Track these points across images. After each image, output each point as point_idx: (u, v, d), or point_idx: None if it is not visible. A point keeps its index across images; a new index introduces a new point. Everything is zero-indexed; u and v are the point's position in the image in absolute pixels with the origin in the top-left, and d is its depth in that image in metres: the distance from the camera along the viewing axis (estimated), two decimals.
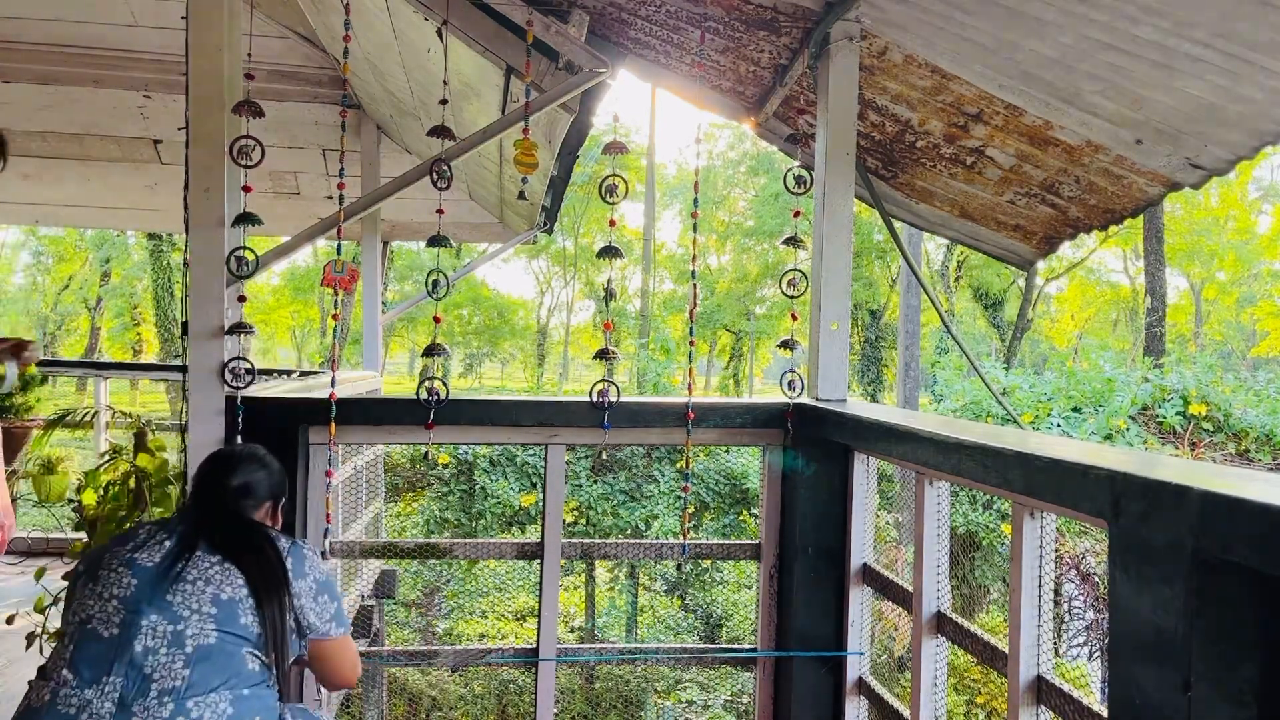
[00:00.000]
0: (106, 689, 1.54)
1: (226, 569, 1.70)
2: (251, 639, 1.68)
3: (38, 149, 5.43)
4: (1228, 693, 1.13)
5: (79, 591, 1.67)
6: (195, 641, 1.61)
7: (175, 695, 1.56)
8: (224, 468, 1.94)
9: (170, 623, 1.60)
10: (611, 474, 8.05)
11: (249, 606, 1.69)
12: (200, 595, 1.65)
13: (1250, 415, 7.57)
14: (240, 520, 1.86)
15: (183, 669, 1.58)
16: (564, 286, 31.49)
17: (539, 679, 2.54)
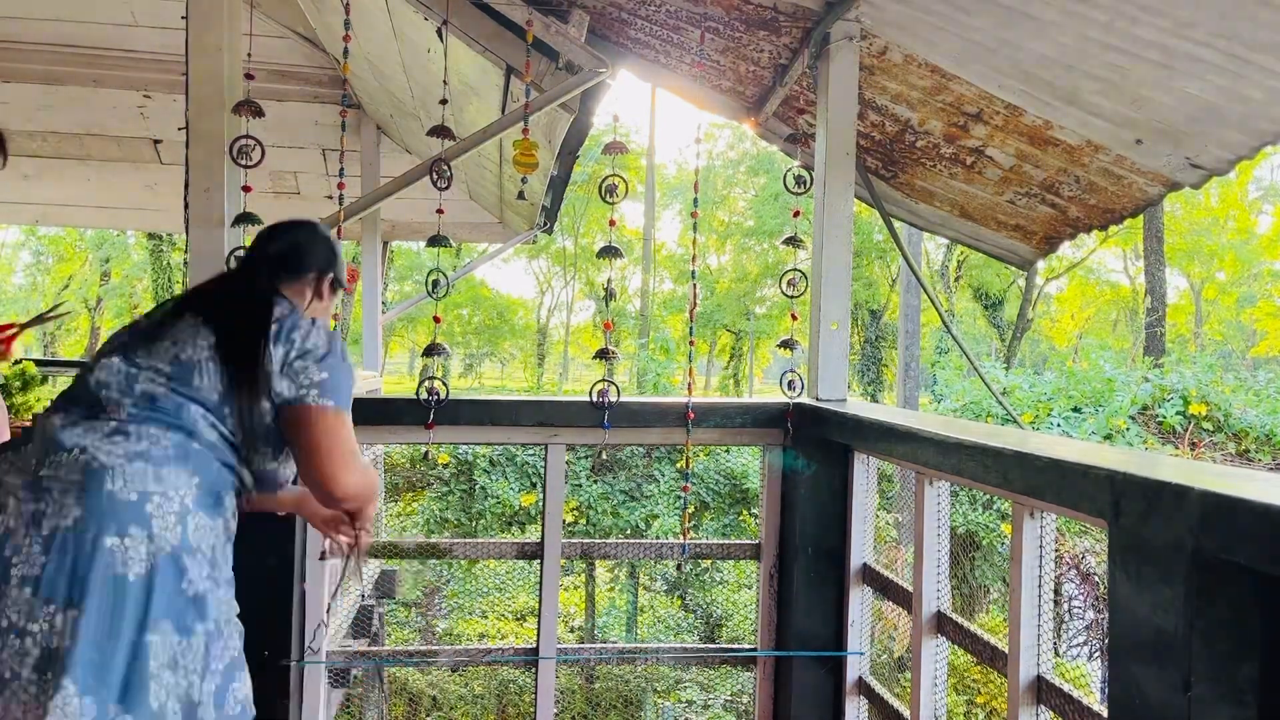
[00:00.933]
0: (70, 413, 1.51)
1: (198, 330, 1.57)
2: (206, 402, 1.53)
3: (38, 149, 5.43)
4: (1228, 693, 1.13)
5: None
6: (143, 388, 1.51)
7: (118, 418, 1.48)
8: (269, 233, 1.80)
9: (127, 366, 1.54)
10: (611, 474, 8.05)
11: (210, 370, 1.54)
12: (163, 352, 1.55)
13: (1250, 415, 7.58)
14: (243, 284, 1.70)
15: (130, 404, 1.50)
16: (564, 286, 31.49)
17: (539, 678, 2.54)
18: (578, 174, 5.42)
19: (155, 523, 1.41)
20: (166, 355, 1.55)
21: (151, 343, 1.57)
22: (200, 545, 1.47)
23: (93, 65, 4.71)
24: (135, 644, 1.36)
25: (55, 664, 1.31)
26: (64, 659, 1.30)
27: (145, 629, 1.37)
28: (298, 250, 1.78)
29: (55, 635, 1.32)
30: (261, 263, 1.75)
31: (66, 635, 1.32)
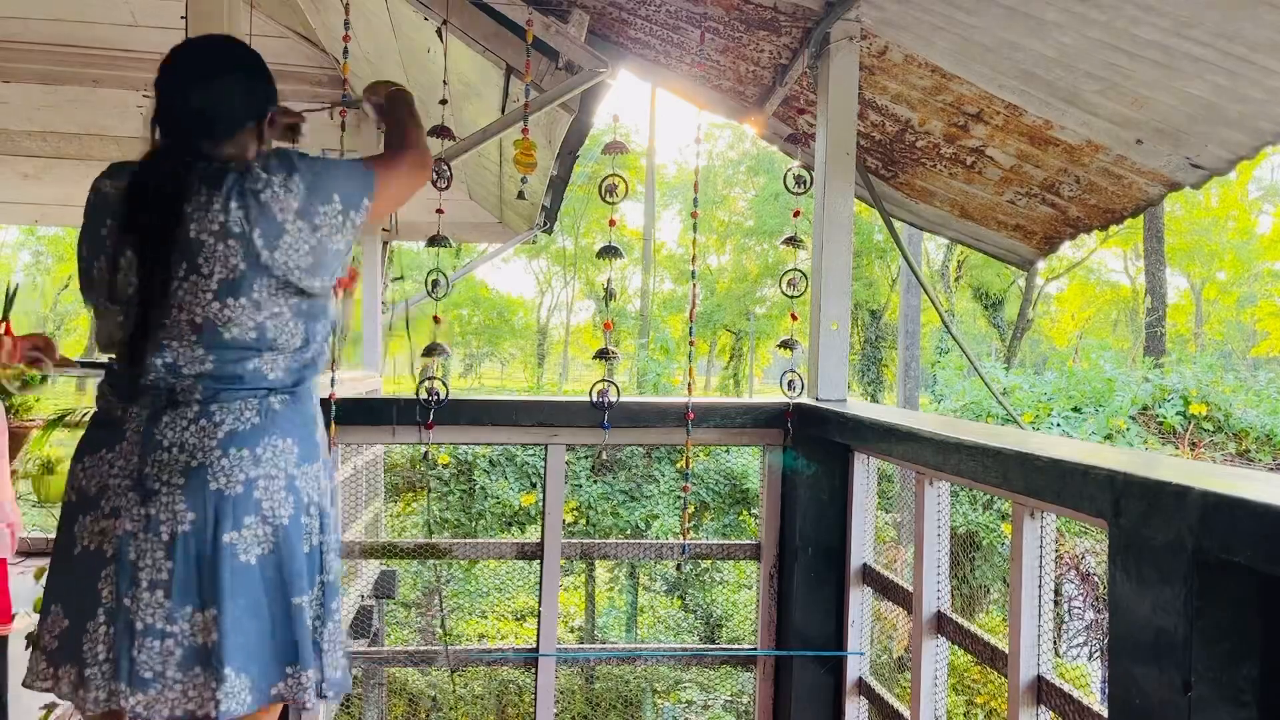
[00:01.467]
0: (153, 404, 1.48)
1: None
2: (250, 343, 1.49)
3: (38, 149, 5.42)
4: (1228, 693, 1.13)
5: None
6: (199, 367, 1.50)
7: (198, 400, 1.47)
8: (180, 81, 1.53)
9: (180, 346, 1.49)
10: (611, 474, 8.05)
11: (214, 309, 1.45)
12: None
13: (1250, 415, 7.58)
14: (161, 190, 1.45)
15: (199, 386, 1.49)
16: (564, 286, 31.49)
17: (539, 678, 2.54)
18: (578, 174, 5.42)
19: (265, 505, 1.46)
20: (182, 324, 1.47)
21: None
22: (310, 497, 1.53)
23: (92, 65, 4.71)
24: (287, 615, 1.47)
25: (208, 657, 1.40)
26: (217, 652, 1.40)
27: (287, 597, 1.47)
28: (222, 102, 1.54)
29: (200, 633, 1.41)
30: (186, 134, 1.52)
31: (212, 631, 1.40)
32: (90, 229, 1.50)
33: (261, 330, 1.47)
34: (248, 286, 1.44)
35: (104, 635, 1.40)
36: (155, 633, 1.39)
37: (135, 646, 1.39)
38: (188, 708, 1.40)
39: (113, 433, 1.47)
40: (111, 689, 1.39)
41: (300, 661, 1.48)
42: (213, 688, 1.40)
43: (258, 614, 1.44)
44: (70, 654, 1.43)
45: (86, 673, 1.40)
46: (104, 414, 1.51)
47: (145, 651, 1.39)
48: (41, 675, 1.46)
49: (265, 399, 1.50)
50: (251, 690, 1.43)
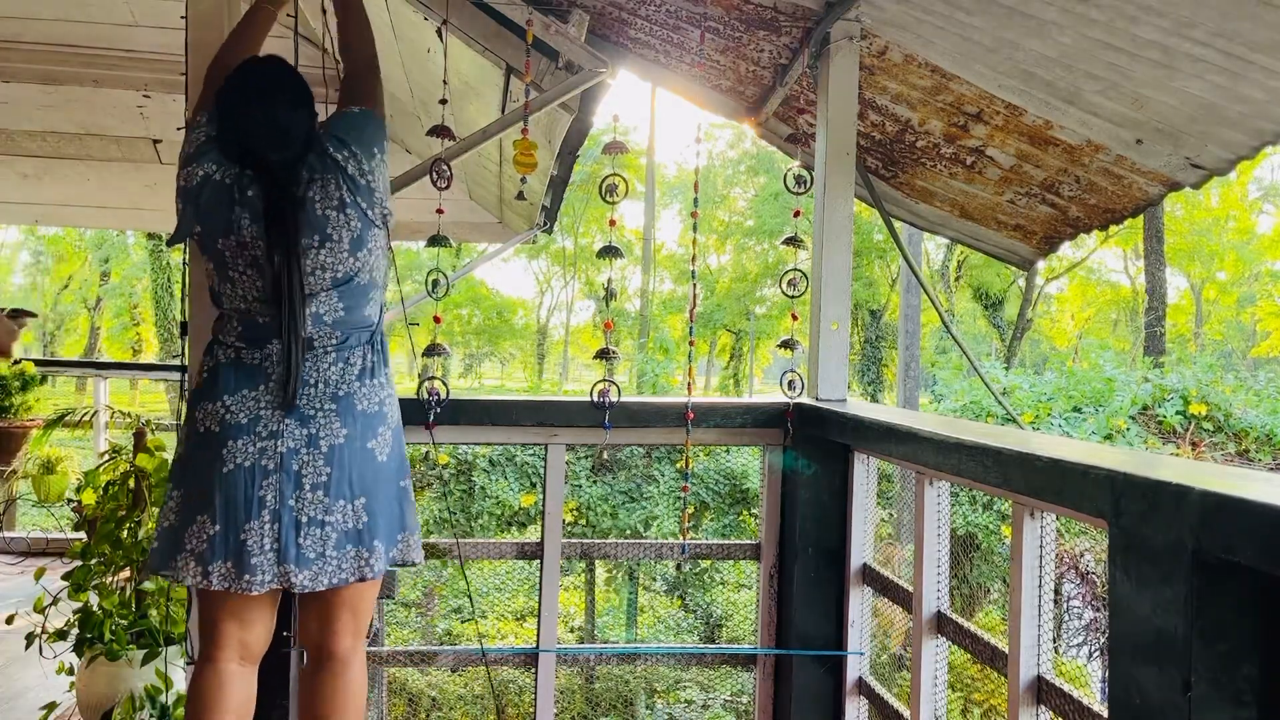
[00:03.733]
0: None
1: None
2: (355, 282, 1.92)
3: (38, 149, 5.42)
4: (1228, 693, 1.13)
5: None
6: (321, 314, 1.89)
7: (331, 346, 1.89)
8: (252, 112, 1.86)
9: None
10: (611, 474, 8.05)
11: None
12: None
13: (1250, 415, 7.57)
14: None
15: (328, 332, 1.89)
16: (564, 286, 31.50)
17: (539, 677, 2.54)
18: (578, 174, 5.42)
19: (391, 416, 1.92)
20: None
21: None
22: (396, 401, 1.98)
23: (93, 65, 4.70)
24: (399, 495, 1.92)
25: (360, 536, 1.82)
26: (369, 530, 1.83)
27: (400, 482, 1.94)
28: (299, 118, 1.92)
29: (351, 519, 1.82)
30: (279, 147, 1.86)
31: (364, 516, 1.83)
32: (212, 211, 1.82)
33: (374, 272, 1.92)
34: (369, 239, 1.90)
35: (270, 530, 1.76)
36: (316, 523, 1.78)
37: (301, 535, 1.77)
38: (341, 577, 1.80)
39: (254, 374, 1.82)
40: (279, 570, 1.76)
41: (407, 528, 1.93)
42: (365, 557, 1.82)
43: (389, 497, 1.88)
44: (224, 552, 1.75)
45: (252, 561, 1.74)
46: (235, 361, 1.84)
47: (309, 538, 1.77)
48: (192, 573, 1.76)
49: (375, 337, 1.93)
50: (385, 555, 1.86)
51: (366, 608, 1.97)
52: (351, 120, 1.96)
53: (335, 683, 1.90)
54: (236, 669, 1.84)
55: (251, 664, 1.88)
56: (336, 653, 1.91)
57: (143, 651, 2.74)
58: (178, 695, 2.68)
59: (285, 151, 1.84)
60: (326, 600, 1.89)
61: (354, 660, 1.93)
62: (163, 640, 2.76)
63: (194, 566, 1.76)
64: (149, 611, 2.84)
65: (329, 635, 1.91)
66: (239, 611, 1.83)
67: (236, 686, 1.83)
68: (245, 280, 1.83)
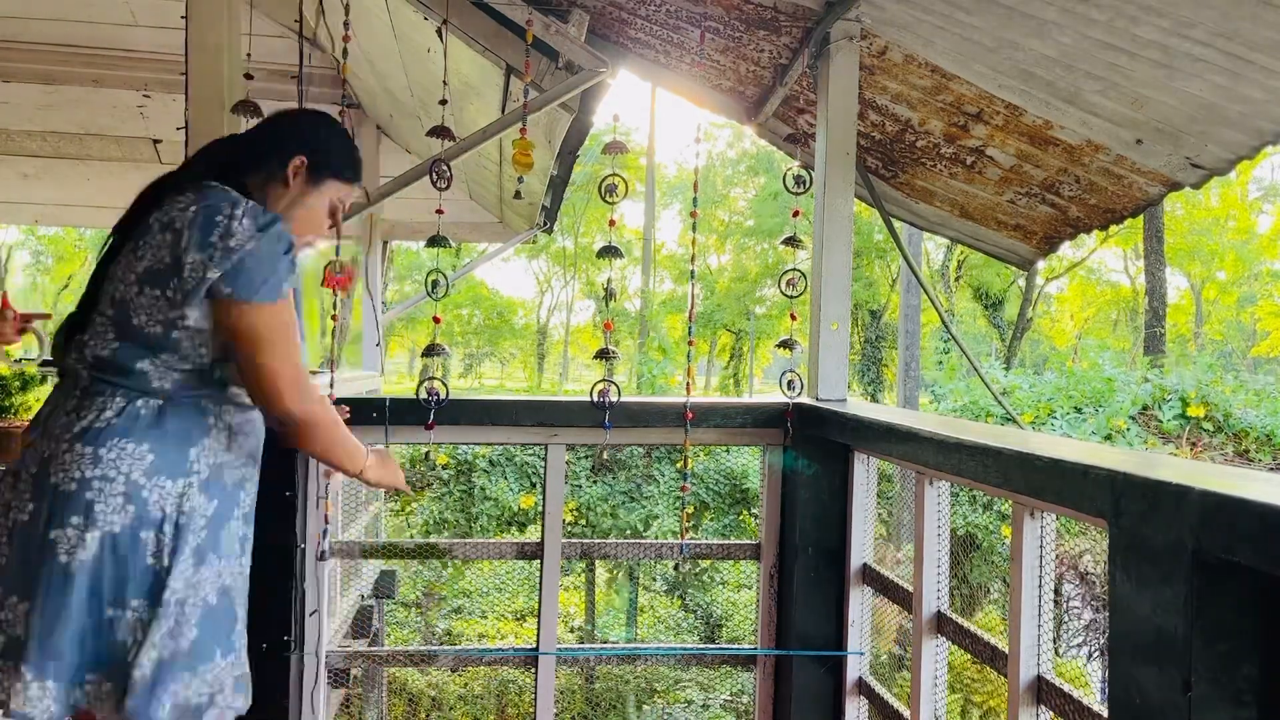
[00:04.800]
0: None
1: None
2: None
3: (38, 149, 5.42)
4: (1228, 693, 1.13)
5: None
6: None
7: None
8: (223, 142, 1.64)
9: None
10: (611, 474, 8.05)
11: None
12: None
13: (1250, 415, 7.57)
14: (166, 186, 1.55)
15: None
16: (564, 286, 31.50)
17: (539, 677, 2.54)
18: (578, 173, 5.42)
19: (101, 513, 1.41)
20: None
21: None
22: (163, 510, 1.48)
23: (93, 65, 4.70)
24: (99, 625, 1.42)
25: (16, 650, 1.38)
26: (19, 649, 1.38)
27: (107, 611, 1.43)
28: (258, 140, 1.64)
29: (17, 623, 1.40)
30: (214, 166, 1.59)
31: (18, 626, 1.40)
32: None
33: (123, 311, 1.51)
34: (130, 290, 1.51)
35: None
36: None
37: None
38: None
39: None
40: None
41: (106, 668, 1.39)
42: (9, 682, 1.35)
43: (75, 619, 1.36)
44: None
45: None
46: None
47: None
48: None
49: (144, 401, 1.45)
50: (57, 700, 1.35)
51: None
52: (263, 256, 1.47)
53: None
54: None
55: None
56: None
57: None
58: None
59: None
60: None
61: None
62: None
63: None
64: None
65: None
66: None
67: None
68: None
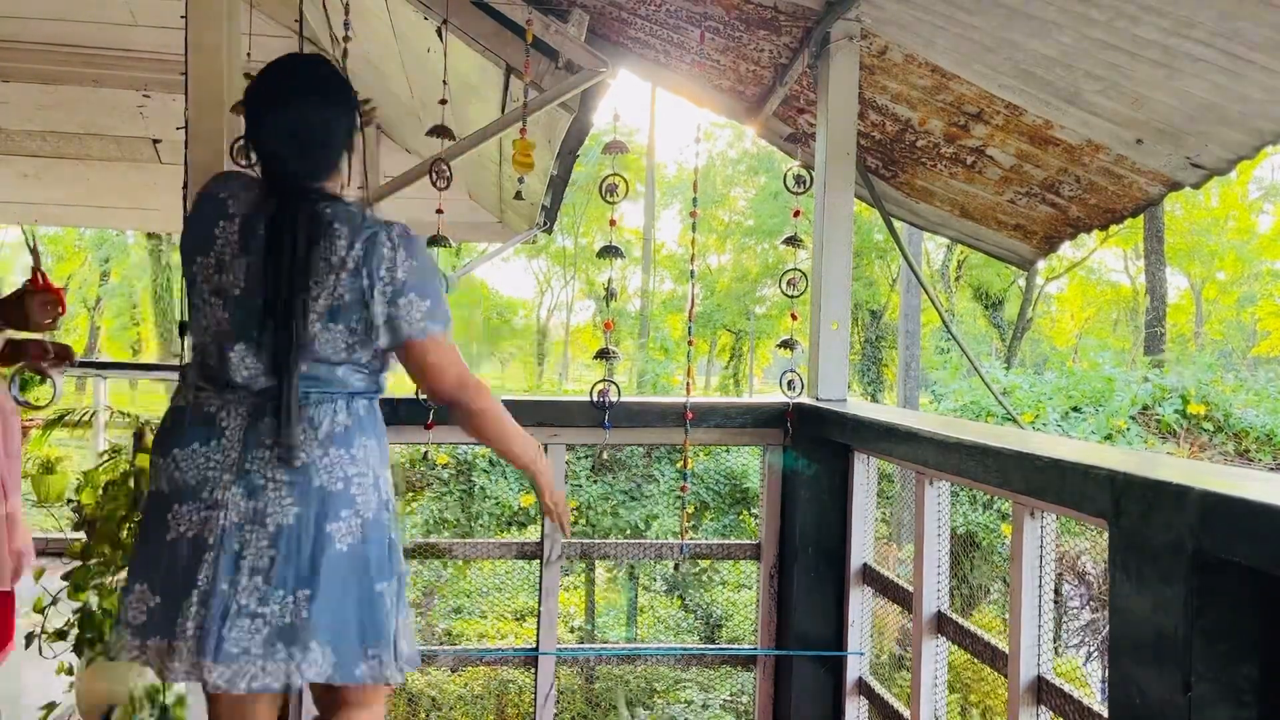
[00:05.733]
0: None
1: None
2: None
3: (38, 149, 5.41)
4: (1228, 693, 1.13)
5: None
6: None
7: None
8: (275, 107, 1.62)
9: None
10: (611, 474, 8.05)
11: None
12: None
13: (1250, 415, 7.57)
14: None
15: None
16: (564, 286, 31.48)
17: (539, 677, 2.54)
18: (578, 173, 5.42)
19: (361, 499, 1.64)
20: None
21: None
22: (387, 494, 1.77)
23: (92, 65, 4.70)
24: (369, 599, 1.64)
25: (299, 634, 1.55)
26: (307, 629, 1.56)
27: (376, 585, 1.65)
28: (323, 131, 1.65)
29: (291, 612, 1.56)
30: (292, 172, 1.63)
31: (303, 611, 1.57)
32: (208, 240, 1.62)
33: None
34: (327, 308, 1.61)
35: (195, 614, 1.51)
36: (247, 613, 1.52)
37: (228, 626, 1.51)
38: (264, 681, 1.52)
39: (209, 425, 1.59)
40: (194, 662, 1.51)
41: (382, 642, 1.61)
42: (296, 661, 1.53)
43: (348, 598, 1.58)
44: (160, 628, 1.54)
45: (174, 644, 1.52)
46: (193, 405, 1.63)
47: (236, 630, 1.51)
48: (128, 648, 1.57)
49: (356, 401, 1.66)
50: (336, 666, 1.56)
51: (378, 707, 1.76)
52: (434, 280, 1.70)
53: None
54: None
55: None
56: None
57: None
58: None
59: (307, 162, 1.64)
60: (337, 692, 1.69)
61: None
62: None
63: (130, 639, 1.57)
64: None
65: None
66: (241, 712, 1.66)
67: None
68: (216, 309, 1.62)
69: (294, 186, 1.62)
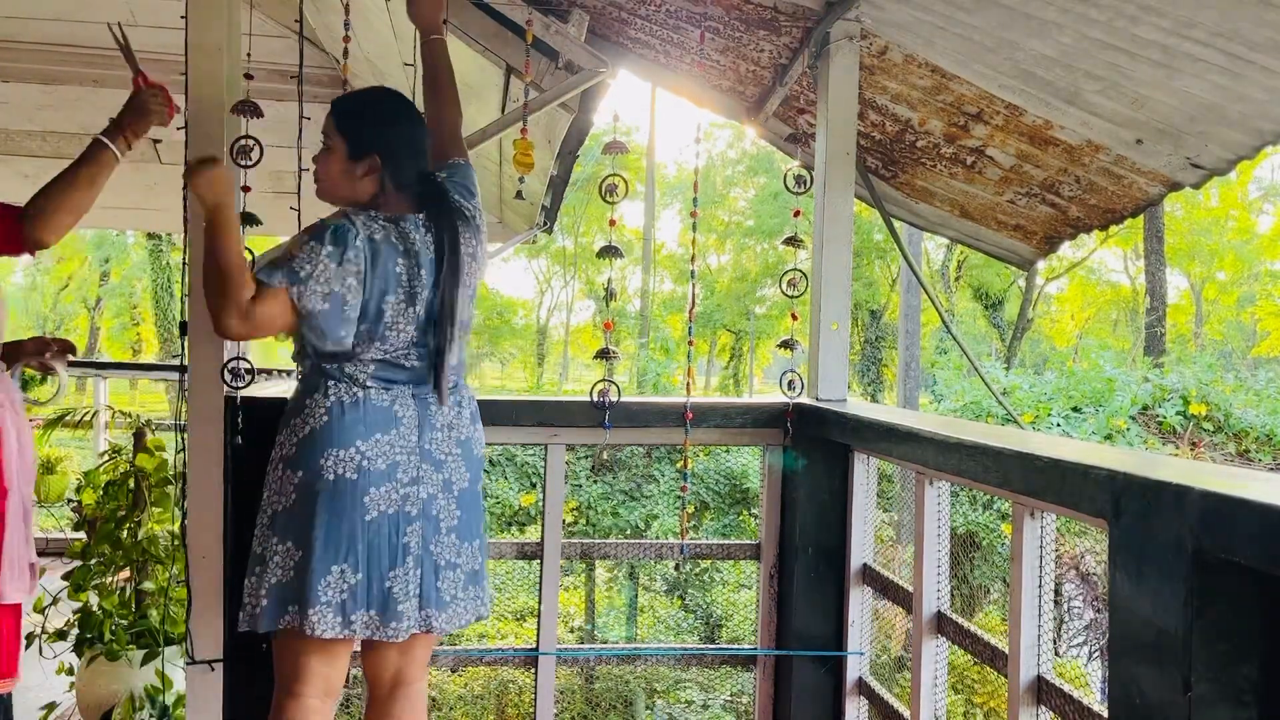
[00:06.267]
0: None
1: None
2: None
3: (38, 149, 5.41)
4: (1228, 693, 1.13)
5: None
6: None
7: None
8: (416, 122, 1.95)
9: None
10: (611, 474, 8.04)
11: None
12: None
13: (1250, 415, 7.57)
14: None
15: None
16: (564, 286, 31.48)
17: (539, 677, 2.54)
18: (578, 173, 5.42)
19: (483, 464, 2.02)
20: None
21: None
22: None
23: (93, 65, 4.70)
24: (485, 544, 2.02)
25: (479, 577, 1.93)
26: (483, 572, 1.95)
27: (483, 534, 2.02)
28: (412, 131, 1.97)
29: (473, 559, 1.91)
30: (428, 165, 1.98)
31: (479, 556, 1.93)
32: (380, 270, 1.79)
33: (470, 322, 1.94)
34: (475, 293, 1.94)
35: (414, 576, 1.78)
36: (451, 566, 1.84)
37: (440, 579, 1.82)
38: (468, 618, 1.88)
39: (385, 417, 1.79)
40: (421, 615, 1.79)
41: (490, 588, 1.98)
42: (481, 598, 1.90)
43: (484, 543, 1.95)
44: (367, 601, 1.75)
45: (399, 608, 1.76)
46: (363, 402, 1.79)
47: (446, 581, 1.83)
48: (330, 624, 1.73)
49: (467, 385, 1.98)
50: (489, 598, 1.95)
51: (435, 640, 2.03)
52: (468, 173, 1.99)
53: (413, 706, 1.94)
54: (319, 705, 1.83)
55: (333, 700, 1.88)
56: (412, 682, 1.94)
57: (143, 651, 2.74)
58: (177, 695, 2.68)
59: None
60: (414, 636, 1.90)
61: (423, 688, 1.98)
62: (162, 640, 2.76)
63: (333, 618, 1.73)
64: (149, 612, 2.84)
65: (408, 665, 1.93)
66: (330, 650, 1.81)
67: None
68: (399, 329, 1.80)
69: (442, 219, 1.91)
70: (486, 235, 1.95)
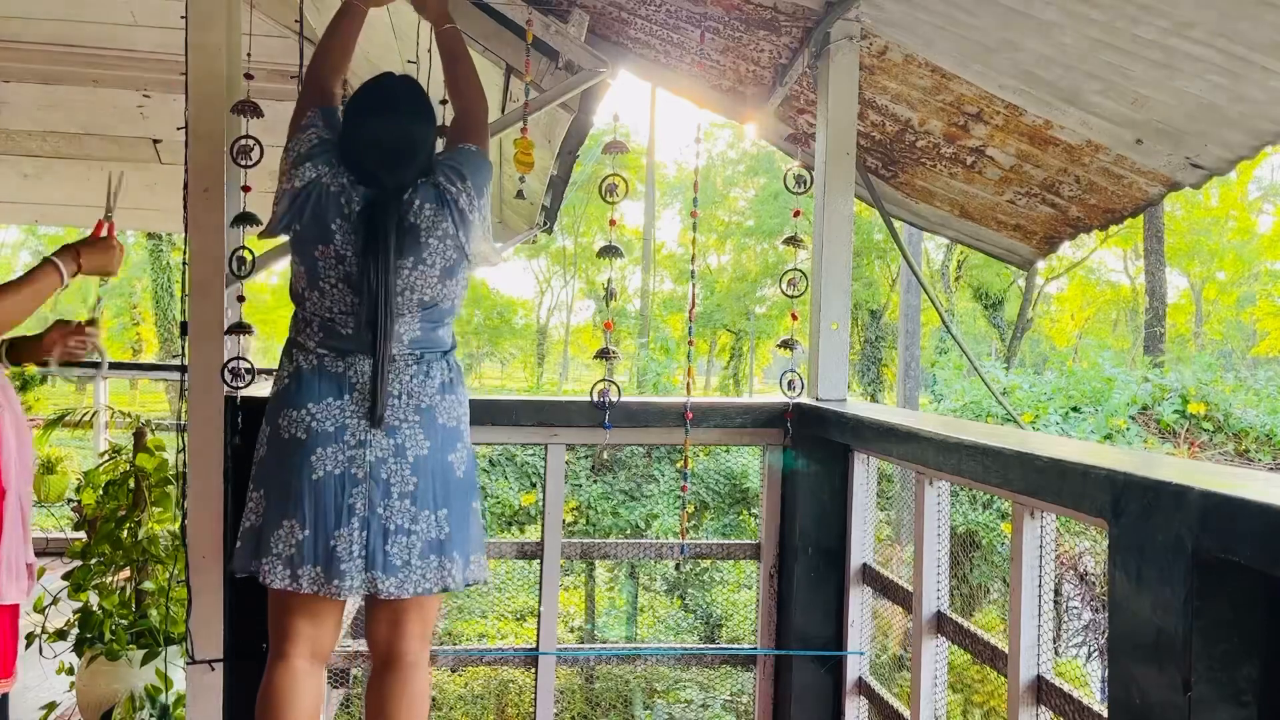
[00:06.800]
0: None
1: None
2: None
3: (38, 149, 5.41)
4: (1228, 693, 1.13)
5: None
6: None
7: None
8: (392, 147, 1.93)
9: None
10: (611, 474, 8.05)
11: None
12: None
13: (1250, 415, 7.57)
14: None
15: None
16: (564, 286, 31.47)
17: (539, 677, 2.54)
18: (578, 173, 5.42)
19: (465, 435, 2.03)
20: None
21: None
22: (468, 422, 2.11)
23: (93, 65, 4.69)
24: (471, 514, 2.00)
25: (445, 546, 1.89)
26: (450, 542, 1.90)
27: (473, 502, 2.03)
28: (421, 139, 2.01)
29: (436, 529, 1.89)
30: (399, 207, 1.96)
31: (445, 527, 1.90)
32: (315, 218, 1.90)
33: (455, 300, 1.99)
34: (459, 270, 1.95)
35: (359, 537, 1.81)
36: (403, 531, 1.84)
37: (389, 543, 1.82)
38: (425, 586, 1.86)
39: (338, 382, 1.87)
40: (367, 576, 1.81)
41: (477, 549, 1.96)
42: (447, 568, 1.88)
43: (463, 514, 1.93)
44: (313, 557, 1.80)
45: (341, 567, 1.79)
46: (318, 368, 1.89)
47: (396, 546, 1.83)
48: (279, 576, 1.80)
49: (449, 356, 2.01)
50: (465, 570, 1.91)
51: (434, 614, 2.04)
52: (468, 157, 2.00)
53: (404, 687, 1.94)
54: (307, 666, 1.88)
55: (321, 663, 1.93)
56: (406, 656, 1.95)
57: (143, 651, 2.74)
58: (177, 695, 2.68)
59: (402, 171, 1.89)
60: (397, 605, 1.93)
61: (422, 664, 1.97)
62: (163, 640, 2.76)
63: (281, 570, 1.80)
64: (149, 611, 2.84)
65: (399, 639, 1.94)
66: (313, 610, 1.87)
67: (308, 684, 1.88)
68: (335, 292, 1.88)
69: (388, 195, 1.92)
70: (480, 219, 1.96)
